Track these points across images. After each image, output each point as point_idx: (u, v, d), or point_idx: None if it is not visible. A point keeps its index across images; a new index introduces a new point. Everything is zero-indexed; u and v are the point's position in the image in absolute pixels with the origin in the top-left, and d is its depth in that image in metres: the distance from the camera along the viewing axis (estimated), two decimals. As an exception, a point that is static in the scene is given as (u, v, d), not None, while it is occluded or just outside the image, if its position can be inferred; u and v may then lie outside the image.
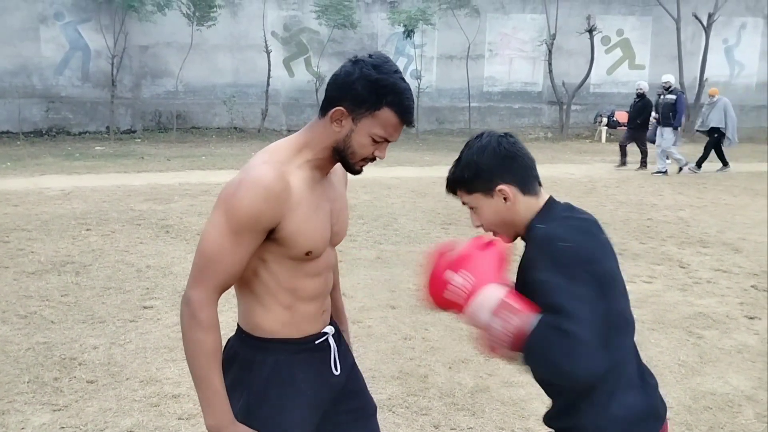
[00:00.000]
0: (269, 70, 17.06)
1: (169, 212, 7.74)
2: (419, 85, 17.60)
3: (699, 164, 12.13)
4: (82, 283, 5.11)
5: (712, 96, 12.43)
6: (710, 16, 18.26)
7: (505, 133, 1.58)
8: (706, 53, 18.63)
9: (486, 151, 1.54)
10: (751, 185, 10.57)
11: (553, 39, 18.37)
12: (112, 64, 16.18)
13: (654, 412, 1.52)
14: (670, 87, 11.96)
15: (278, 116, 17.93)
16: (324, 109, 1.51)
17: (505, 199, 1.53)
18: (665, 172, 11.68)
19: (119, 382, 3.49)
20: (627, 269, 5.55)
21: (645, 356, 4.03)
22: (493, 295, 1.40)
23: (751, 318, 4.58)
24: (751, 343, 4.15)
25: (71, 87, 16.87)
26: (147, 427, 3.04)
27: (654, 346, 4.05)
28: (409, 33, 17.28)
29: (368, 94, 1.45)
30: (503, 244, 1.54)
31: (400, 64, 18.63)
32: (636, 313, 4.85)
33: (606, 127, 18.29)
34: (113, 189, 9.30)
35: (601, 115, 18.73)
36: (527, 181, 1.55)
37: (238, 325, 1.65)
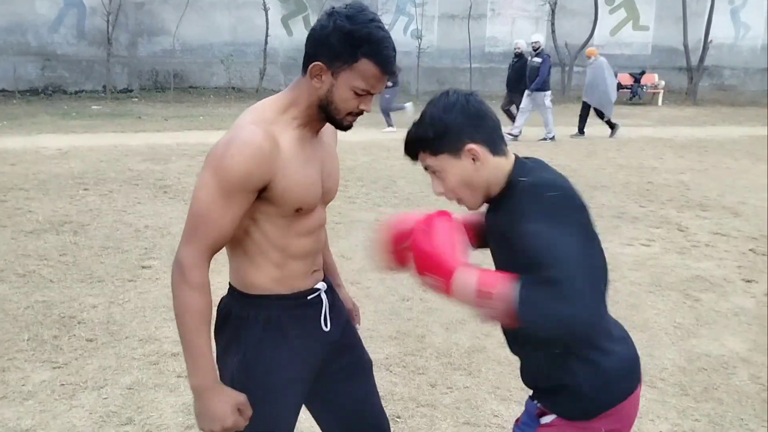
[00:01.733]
0: (267, 28, 16.80)
1: (166, 172, 7.71)
2: (420, 45, 17.34)
3: (581, 130, 11.47)
4: (81, 242, 5.11)
5: (589, 57, 11.62)
6: (717, -25, 17.92)
7: (472, 92, 1.52)
8: (712, 14, 18.33)
9: (454, 109, 1.45)
10: (753, 149, 10.52)
11: (557, -2, 18.05)
12: (108, 21, 15.91)
13: (637, 363, 1.53)
14: (538, 49, 11.03)
15: (276, 76, 17.72)
16: (304, 65, 1.48)
17: (473, 159, 1.45)
18: (553, 138, 10.92)
19: (118, 340, 3.52)
20: (625, 232, 5.55)
21: (641, 318, 4.05)
22: (467, 285, 1.34)
23: (749, 281, 4.60)
24: (747, 306, 4.17)
25: (66, 45, 16.63)
26: (146, 384, 3.07)
27: (651, 308, 4.07)
28: (410, -9, 16.97)
29: (344, 47, 1.41)
30: (450, 216, 1.48)
31: (401, 23, 18.35)
32: (633, 275, 4.86)
33: (608, 90, 18.10)
34: (110, 148, 9.24)
35: (603, 77, 18.52)
36: (496, 141, 1.48)
37: (230, 284, 1.64)
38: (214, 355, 1.66)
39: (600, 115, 11.57)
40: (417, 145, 1.51)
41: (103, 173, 7.58)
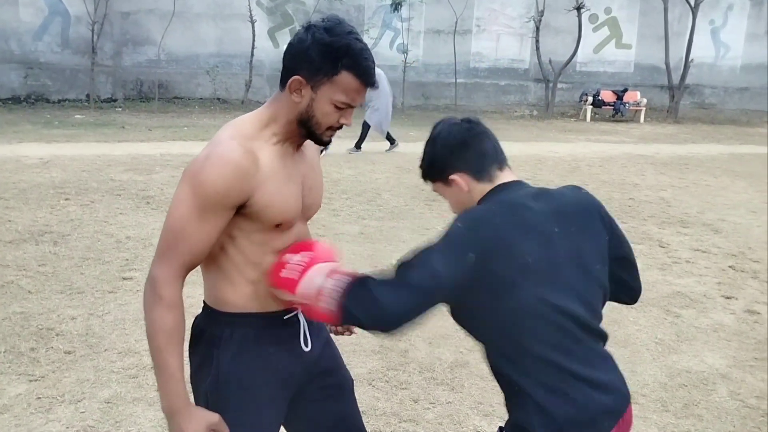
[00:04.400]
0: (253, 40, 16.79)
1: (150, 183, 7.65)
2: (405, 59, 17.44)
3: (358, 145, 10.48)
4: (61, 253, 5.05)
5: None
6: (698, -4, 18.24)
7: (462, 119, 1.54)
8: (693, 34, 18.63)
9: (437, 141, 1.54)
10: (732, 167, 10.67)
11: (541, 16, 18.26)
12: (93, 30, 15.81)
13: (587, 419, 1.41)
14: None
15: (262, 87, 17.70)
16: (283, 80, 1.46)
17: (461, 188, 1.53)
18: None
19: (97, 353, 3.47)
20: (608, 248, 5.59)
21: (623, 334, 4.07)
22: (328, 264, 1.49)
23: (728, 298, 4.65)
24: (727, 322, 4.21)
25: (50, 53, 16.50)
26: (125, 398, 3.03)
27: (632, 324, 4.10)
28: (396, 6, 17.07)
29: (323, 60, 1.39)
30: (330, 245, 1.60)
31: (387, 37, 18.45)
32: (616, 291, 4.70)
33: (591, 106, 18.32)
34: (93, 158, 9.16)
35: (586, 94, 18.74)
36: (482, 168, 1.51)
37: (204, 302, 1.61)
38: (188, 374, 1.63)
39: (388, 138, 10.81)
40: (421, 173, 1.62)
41: (84, 183, 7.50)
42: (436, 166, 1.55)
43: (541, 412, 1.39)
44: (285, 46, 1.48)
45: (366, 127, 10.53)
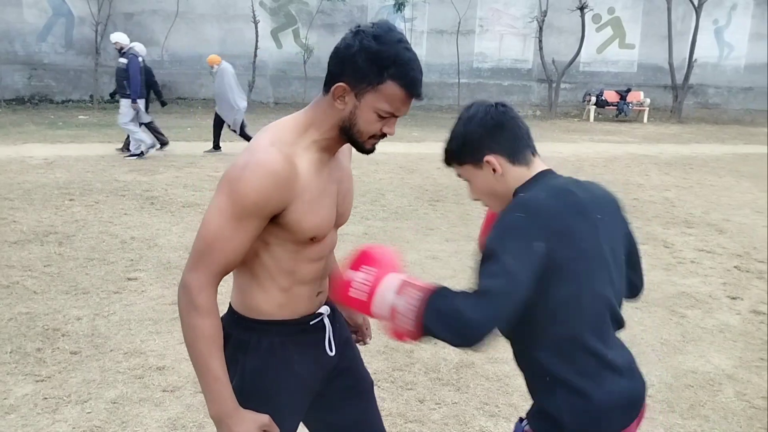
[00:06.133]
0: (257, 41, 16.82)
1: (154, 183, 7.66)
2: (409, 59, 17.45)
3: (216, 146, 10.23)
4: (66, 253, 5.06)
5: (212, 66, 10.28)
6: (701, -4, 18.21)
7: (497, 103, 1.53)
8: (696, 34, 18.61)
9: (473, 122, 1.50)
10: (736, 167, 10.65)
11: (544, 16, 18.25)
12: (96, 31, 15.87)
13: (633, 399, 1.49)
14: (122, 49, 9.56)
15: (265, 88, 17.72)
16: (327, 85, 1.42)
17: (494, 170, 1.49)
18: (141, 154, 9.38)
19: (103, 353, 3.47)
20: (612, 248, 5.58)
21: (628, 335, 4.06)
22: (396, 277, 1.41)
23: (734, 298, 4.63)
24: (732, 322, 4.20)
25: (54, 54, 16.55)
26: (131, 398, 3.03)
27: (637, 324, 4.09)
28: (399, 6, 17.09)
29: (369, 68, 1.35)
30: (388, 249, 1.52)
31: (390, 37, 18.46)
32: (621, 291, 4.70)
33: (594, 107, 18.31)
34: (97, 159, 9.18)
35: (589, 94, 18.74)
36: (517, 151, 1.50)
37: (230, 305, 1.60)
38: None
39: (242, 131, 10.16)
40: (446, 155, 1.57)
41: (89, 184, 7.52)
42: (470, 147, 1.50)
43: (577, 398, 1.41)
44: (288, 47, 1.47)
45: (218, 123, 10.21)
